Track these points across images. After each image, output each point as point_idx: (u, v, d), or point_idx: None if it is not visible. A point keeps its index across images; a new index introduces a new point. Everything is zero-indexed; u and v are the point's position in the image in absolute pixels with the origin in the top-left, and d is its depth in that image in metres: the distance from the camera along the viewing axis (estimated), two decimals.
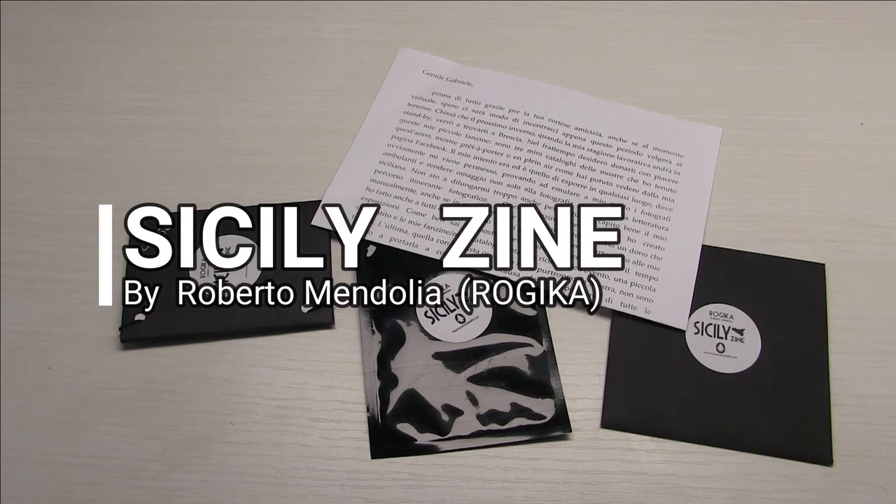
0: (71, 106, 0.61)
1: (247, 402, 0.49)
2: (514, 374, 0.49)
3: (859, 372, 0.50)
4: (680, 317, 0.51)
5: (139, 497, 0.46)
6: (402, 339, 0.51)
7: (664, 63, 0.63)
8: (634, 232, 0.54)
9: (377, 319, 0.51)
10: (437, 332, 0.51)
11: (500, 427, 0.48)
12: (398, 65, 0.63)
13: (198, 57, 0.64)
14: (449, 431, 0.48)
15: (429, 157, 0.58)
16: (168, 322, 0.51)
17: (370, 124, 0.60)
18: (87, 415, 0.49)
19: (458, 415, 0.48)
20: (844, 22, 0.65)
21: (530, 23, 0.66)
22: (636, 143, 0.59)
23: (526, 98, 0.61)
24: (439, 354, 0.50)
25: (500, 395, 0.49)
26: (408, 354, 0.50)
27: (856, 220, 0.55)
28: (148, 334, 0.50)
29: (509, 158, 0.57)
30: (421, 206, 0.55)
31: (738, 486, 0.46)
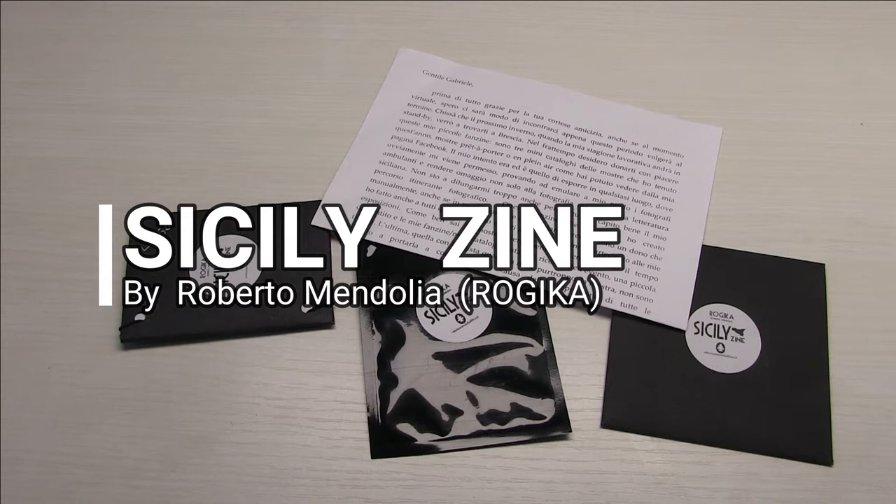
0: (71, 106, 0.61)
1: (247, 402, 0.49)
2: (514, 374, 0.49)
3: (859, 372, 0.50)
4: (680, 317, 0.51)
5: (139, 497, 0.46)
6: (402, 339, 0.51)
7: (664, 63, 0.63)
8: (634, 232, 0.54)
9: (377, 319, 0.51)
10: (437, 332, 0.51)
11: (500, 427, 0.48)
12: (398, 65, 0.63)
13: (198, 57, 0.64)
14: (449, 431, 0.48)
15: (429, 157, 0.58)
16: (168, 322, 0.51)
17: (370, 124, 0.60)
18: (87, 415, 0.49)
19: (458, 415, 0.48)
20: (844, 22, 0.65)
21: (530, 23, 0.66)
22: (636, 143, 0.59)
23: (526, 98, 0.61)
24: (439, 354, 0.50)
25: (500, 395, 0.49)
26: (408, 354, 0.50)
27: (856, 220, 0.55)
28: (148, 334, 0.50)
29: (509, 158, 0.57)
30: (421, 206, 0.55)
31: (738, 486, 0.46)
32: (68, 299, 0.53)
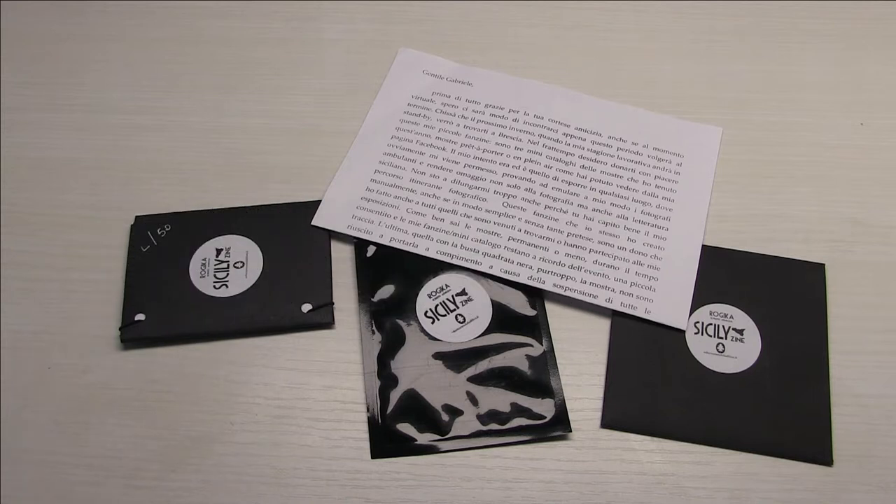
0: (71, 106, 0.61)
1: (247, 402, 0.49)
2: (514, 374, 0.49)
3: (859, 372, 0.50)
4: (680, 317, 0.51)
5: (139, 497, 0.46)
6: (402, 339, 0.51)
7: (664, 63, 0.63)
8: (634, 232, 0.54)
9: (377, 319, 0.51)
10: (436, 332, 0.51)
11: (500, 427, 0.48)
12: (398, 65, 0.63)
13: (198, 57, 0.64)
14: (449, 431, 0.48)
15: (429, 157, 0.58)
16: (168, 322, 0.51)
17: (370, 124, 0.60)
18: (87, 415, 0.49)
19: (458, 415, 0.48)
20: (844, 22, 0.65)
21: (531, 23, 0.66)
22: (636, 143, 0.59)
23: (526, 98, 0.61)
24: (439, 354, 0.50)
25: (500, 395, 0.49)
26: (408, 354, 0.50)
27: (856, 220, 0.55)
28: (148, 334, 0.50)
29: (509, 158, 0.57)
30: (421, 206, 0.55)
31: (738, 486, 0.46)
32: (68, 299, 0.53)
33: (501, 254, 0.53)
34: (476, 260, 0.53)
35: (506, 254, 0.53)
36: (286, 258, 0.53)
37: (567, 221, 0.55)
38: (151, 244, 0.54)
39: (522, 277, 0.52)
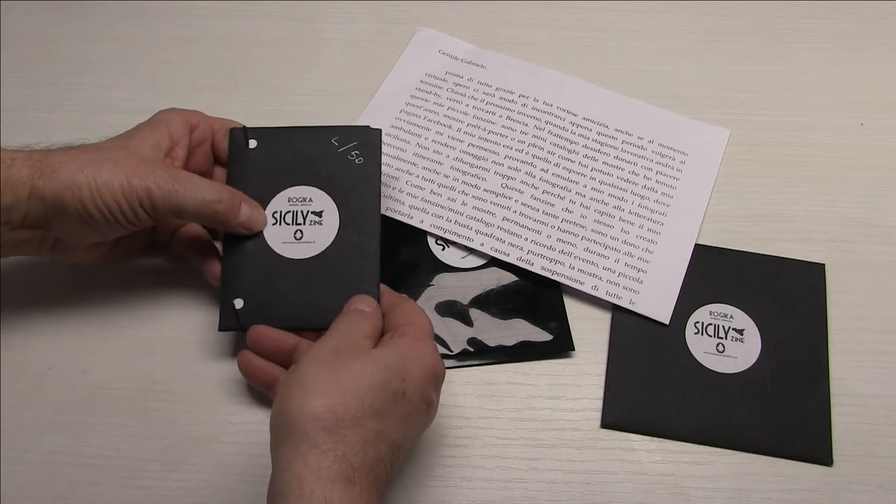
0: (71, 106, 0.61)
1: (247, 402, 0.49)
2: (521, 294, 0.51)
3: (859, 372, 0.50)
4: (664, 311, 0.51)
5: (139, 497, 0.46)
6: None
7: (664, 63, 0.63)
8: (629, 224, 0.54)
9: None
10: (446, 257, 0.53)
11: (506, 346, 0.50)
12: (415, 43, 0.64)
13: (198, 57, 0.64)
14: (455, 350, 0.50)
15: (434, 133, 0.58)
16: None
17: (381, 96, 0.61)
18: (87, 415, 0.49)
19: (464, 334, 0.50)
20: (844, 22, 0.65)
21: (531, 23, 0.66)
22: (642, 137, 0.59)
23: (538, 85, 0.61)
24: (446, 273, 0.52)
25: (506, 315, 0.51)
26: (418, 276, 0.53)
27: (856, 220, 0.55)
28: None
29: (513, 142, 0.58)
30: (420, 180, 0.56)
31: (738, 486, 0.46)
32: (69, 299, 0.53)
33: (494, 233, 0.54)
34: (468, 237, 0.54)
35: (498, 233, 0.54)
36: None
37: (563, 208, 0.55)
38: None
39: (512, 257, 0.53)
